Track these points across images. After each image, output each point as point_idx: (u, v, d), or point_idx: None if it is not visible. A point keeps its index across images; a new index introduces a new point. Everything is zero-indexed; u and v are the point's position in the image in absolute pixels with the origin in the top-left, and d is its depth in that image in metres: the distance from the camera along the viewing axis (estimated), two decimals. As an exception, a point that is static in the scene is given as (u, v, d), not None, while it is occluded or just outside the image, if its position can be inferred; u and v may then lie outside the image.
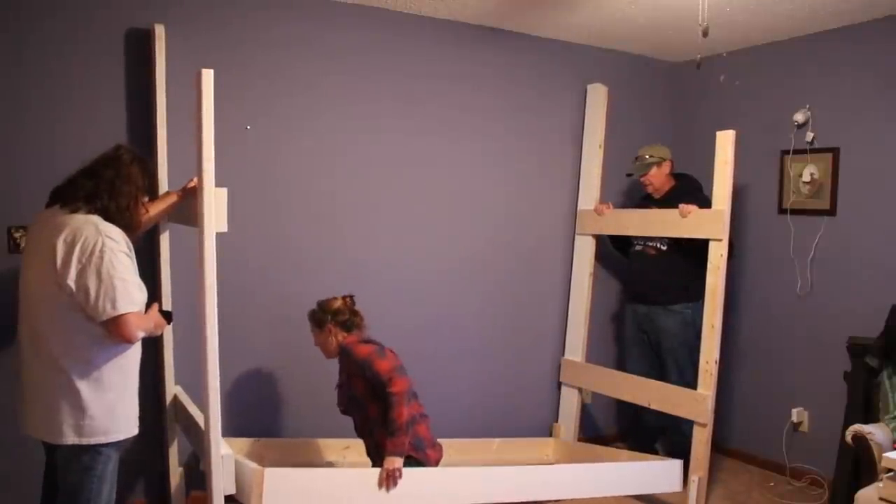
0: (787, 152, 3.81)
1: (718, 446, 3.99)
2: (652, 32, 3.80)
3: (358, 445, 3.15)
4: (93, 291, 1.96)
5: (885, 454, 2.55)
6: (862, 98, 3.50)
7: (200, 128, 2.11)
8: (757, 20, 3.50)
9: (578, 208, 4.09)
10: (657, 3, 3.30)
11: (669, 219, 3.50)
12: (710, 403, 3.25)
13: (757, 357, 4.00)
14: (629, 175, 3.89)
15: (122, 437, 2.11)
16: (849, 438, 2.90)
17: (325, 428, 3.33)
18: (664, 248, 3.69)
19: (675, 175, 3.80)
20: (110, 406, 2.07)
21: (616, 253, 4.08)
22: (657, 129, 4.30)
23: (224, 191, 2.24)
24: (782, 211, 3.86)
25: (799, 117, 3.71)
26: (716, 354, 3.26)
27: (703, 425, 3.25)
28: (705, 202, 3.45)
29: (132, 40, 2.96)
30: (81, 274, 1.97)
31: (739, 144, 3.27)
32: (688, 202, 3.43)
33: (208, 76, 2.11)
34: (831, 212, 3.63)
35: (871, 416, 3.14)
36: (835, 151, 3.61)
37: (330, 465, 3.16)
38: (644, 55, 4.31)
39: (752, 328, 4.03)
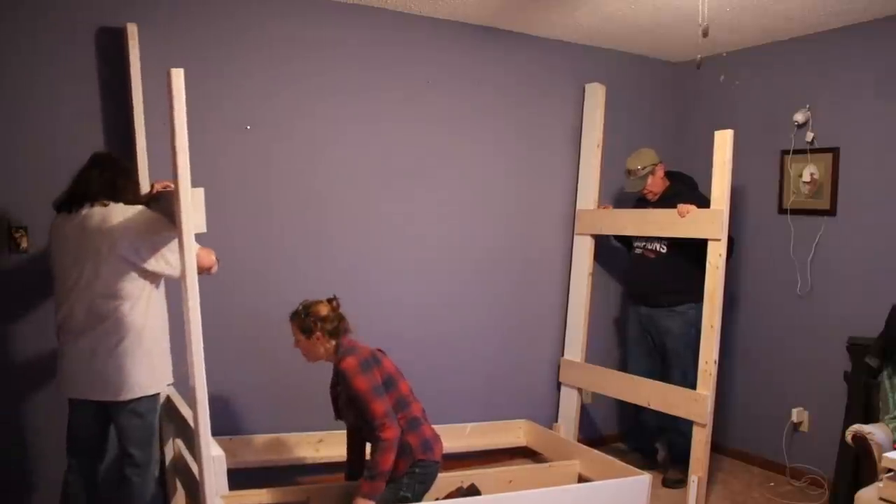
0: (787, 152, 3.81)
1: (718, 446, 3.99)
2: (652, 32, 3.79)
3: (330, 439, 3.24)
4: (168, 258, 2.37)
5: (885, 454, 2.54)
6: (862, 98, 3.50)
7: (174, 129, 2.08)
8: (757, 20, 3.50)
9: (577, 208, 4.09)
10: (657, 3, 3.29)
11: (667, 219, 3.50)
12: (709, 403, 3.25)
13: (757, 357, 4.00)
14: (628, 192, 3.84)
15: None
16: (849, 438, 2.89)
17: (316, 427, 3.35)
18: (664, 250, 3.68)
19: (668, 174, 3.78)
20: (166, 357, 2.50)
21: (618, 245, 4.06)
22: (657, 129, 4.30)
23: (200, 190, 2.21)
24: (782, 211, 3.86)
25: (799, 117, 3.71)
26: (715, 354, 3.26)
27: (703, 425, 3.25)
28: (701, 200, 3.45)
29: (107, 38, 2.94)
30: (153, 247, 2.35)
31: (739, 144, 3.27)
32: (685, 202, 3.43)
33: (179, 76, 2.05)
34: (831, 212, 3.63)
35: (871, 416, 3.14)
36: (835, 151, 3.61)
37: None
38: (644, 55, 4.31)
39: (752, 328, 4.03)
